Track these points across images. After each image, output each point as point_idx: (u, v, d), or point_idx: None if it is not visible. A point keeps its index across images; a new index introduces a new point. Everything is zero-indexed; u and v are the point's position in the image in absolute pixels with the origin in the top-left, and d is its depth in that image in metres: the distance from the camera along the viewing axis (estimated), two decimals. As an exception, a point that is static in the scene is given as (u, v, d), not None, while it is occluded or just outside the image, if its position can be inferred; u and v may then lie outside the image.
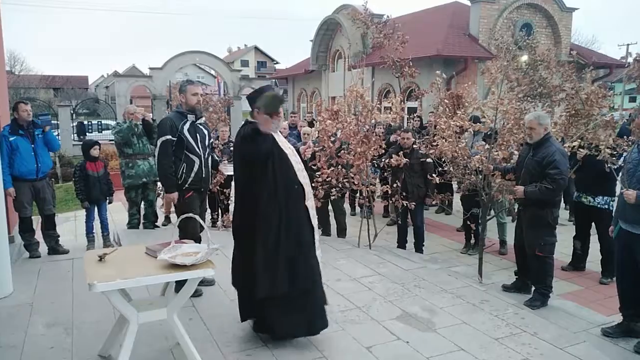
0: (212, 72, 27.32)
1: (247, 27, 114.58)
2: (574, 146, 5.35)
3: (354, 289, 4.60)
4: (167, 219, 7.38)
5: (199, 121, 4.36)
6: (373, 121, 6.19)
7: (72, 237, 7.40)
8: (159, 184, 6.31)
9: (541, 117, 4.40)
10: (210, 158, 4.49)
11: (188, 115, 4.26)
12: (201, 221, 3.32)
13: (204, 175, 4.33)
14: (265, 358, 3.34)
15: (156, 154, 4.20)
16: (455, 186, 6.56)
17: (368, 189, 6.00)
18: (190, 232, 3.97)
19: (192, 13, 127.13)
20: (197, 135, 4.28)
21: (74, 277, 4.83)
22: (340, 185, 5.93)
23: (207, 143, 4.40)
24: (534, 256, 4.38)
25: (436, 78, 5.53)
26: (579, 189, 5.75)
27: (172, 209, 6.02)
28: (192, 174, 4.24)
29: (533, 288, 4.48)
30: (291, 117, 10.44)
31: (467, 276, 5.08)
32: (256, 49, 60.76)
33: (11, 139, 5.23)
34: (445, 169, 5.39)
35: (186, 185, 4.25)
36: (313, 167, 6.03)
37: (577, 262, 5.96)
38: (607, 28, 74.28)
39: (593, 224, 5.74)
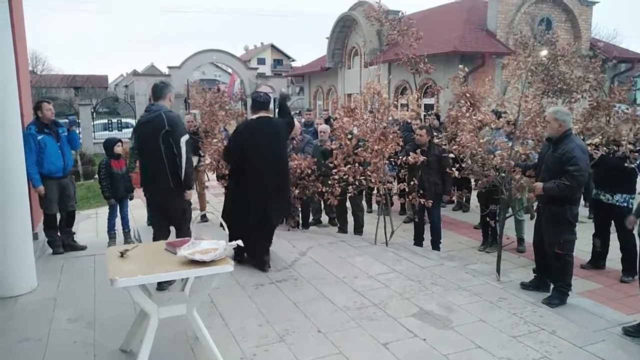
0: (229, 70, 27.46)
1: (264, 25, 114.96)
2: (596, 143, 5.24)
3: (371, 286, 4.62)
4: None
5: None
6: (390, 118, 6.17)
7: (94, 234, 7.55)
8: None
9: (558, 113, 4.34)
10: None
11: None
12: (221, 219, 3.37)
13: None
14: (282, 353, 3.39)
15: (183, 152, 4.24)
16: (473, 182, 6.50)
17: (385, 186, 6.00)
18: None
19: (208, 11, 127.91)
20: None
21: (96, 273, 4.93)
22: (357, 182, 5.93)
23: None
24: (554, 254, 4.33)
25: (459, 72, 5.48)
26: (597, 187, 5.67)
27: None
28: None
29: (552, 286, 4.43)
30: (306, 114, 10.48)
31: (484, 274, 5.05)
32: (272, 46, 60.88)
33: (39, 137, 5.32)
34: (464, 165, 5.32)
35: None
36: (330, 164, 6.05)
37: (597, 260, 5.88)
38: (629, 21, 72.44)
39: (612, 221, 5.65)
